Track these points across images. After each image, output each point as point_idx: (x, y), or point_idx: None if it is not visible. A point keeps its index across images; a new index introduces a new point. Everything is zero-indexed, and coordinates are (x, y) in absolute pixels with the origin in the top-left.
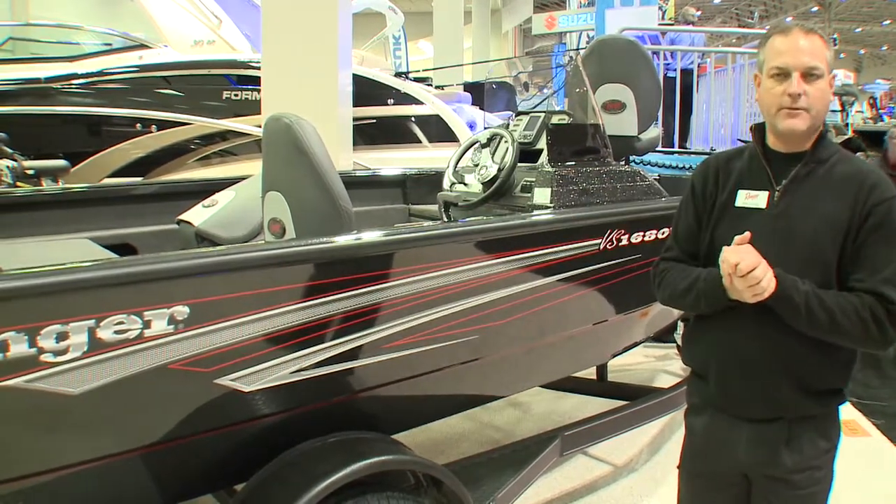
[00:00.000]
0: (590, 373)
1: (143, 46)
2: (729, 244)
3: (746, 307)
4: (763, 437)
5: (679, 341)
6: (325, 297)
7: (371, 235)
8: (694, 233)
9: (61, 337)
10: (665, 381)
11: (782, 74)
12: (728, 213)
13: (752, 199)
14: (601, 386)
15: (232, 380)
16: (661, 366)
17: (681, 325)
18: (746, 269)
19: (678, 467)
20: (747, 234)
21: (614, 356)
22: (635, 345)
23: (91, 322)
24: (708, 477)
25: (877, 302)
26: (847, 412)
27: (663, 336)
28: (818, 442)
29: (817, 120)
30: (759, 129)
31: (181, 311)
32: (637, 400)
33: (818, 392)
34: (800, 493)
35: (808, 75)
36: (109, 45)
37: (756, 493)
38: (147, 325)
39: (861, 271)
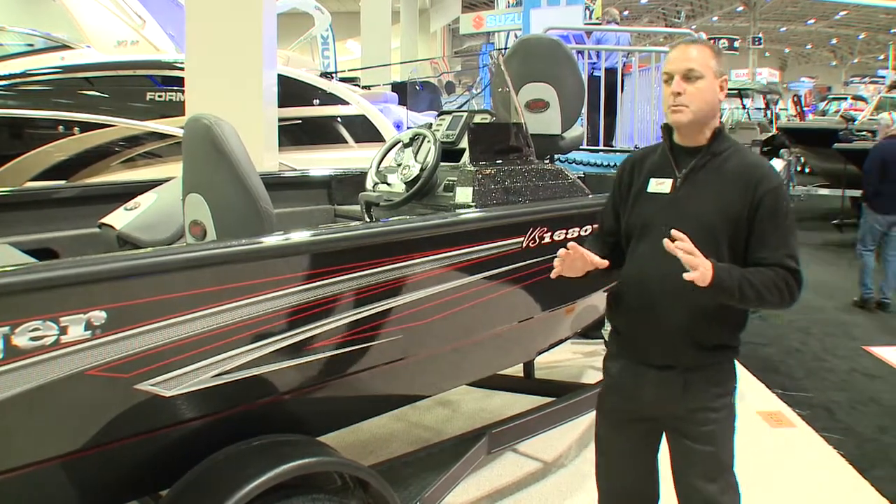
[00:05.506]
0: (518, 370)
1: (65, 47)
2: (639, 222)
3: (654, 278)
4: (663, 381)
5: (606, 337)
6: (246, 299)
7: (291, 236)
8: (609, 216)
9: None
10: (592, 377)
11: (669, 80)
12: (641, 197)
13: (659, 185)
14: (528, 383)
15: (152, 385)
16: (589, 362)
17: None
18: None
19: (596, 409)
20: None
21: (541, 353)
22: (562, 341)
23: (6, 329)
24: (620, 412)
25: (786, 272)
26: (772, 403)
27: (590, 332)
28: (710, 388)
29: (699, 114)
30: (667, 128)
31: (98, 316)
32: (564, 396)
33: (710, 347)
34: (703, 430)
35: (687, 77)
36: (31, 45)
37: (668, 433)
38: (63, 331)
39: (765, 250)
